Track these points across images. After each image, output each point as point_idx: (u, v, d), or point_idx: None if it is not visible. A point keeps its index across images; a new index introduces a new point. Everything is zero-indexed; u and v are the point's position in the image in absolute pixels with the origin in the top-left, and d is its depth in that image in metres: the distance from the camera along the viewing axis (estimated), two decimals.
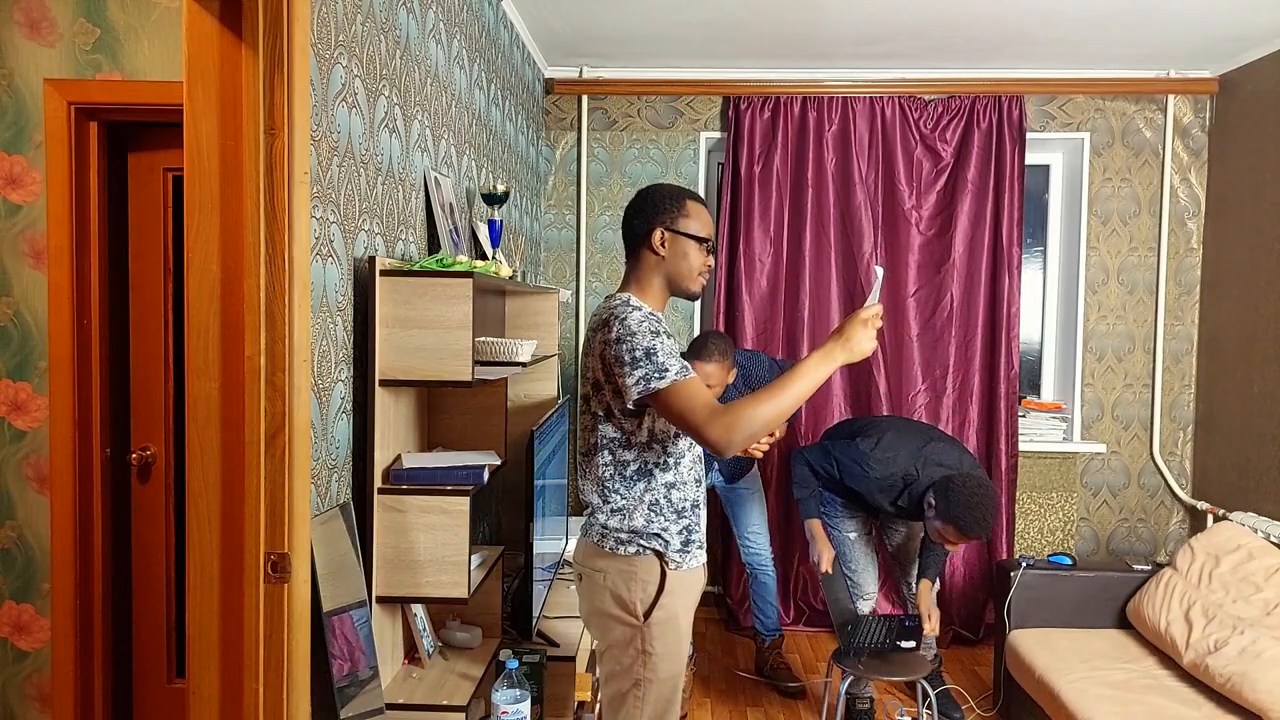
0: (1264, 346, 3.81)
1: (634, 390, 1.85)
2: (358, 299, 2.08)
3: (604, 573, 1.98)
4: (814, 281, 4.22)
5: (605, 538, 1.99)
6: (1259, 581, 2.95)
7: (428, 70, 2.54)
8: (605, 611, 1.98)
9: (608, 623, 1.99)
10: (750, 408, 1.79)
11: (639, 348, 1.85)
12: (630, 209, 2.05)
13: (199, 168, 1.62)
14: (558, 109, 4.41)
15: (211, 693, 1.66)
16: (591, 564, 2.01)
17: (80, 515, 2.67)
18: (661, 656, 1.97)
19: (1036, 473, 4.36)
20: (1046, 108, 4.29)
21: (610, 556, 1.98)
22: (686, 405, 1.81)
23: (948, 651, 4.11)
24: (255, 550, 1.61)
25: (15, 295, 2.66)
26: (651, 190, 2.05)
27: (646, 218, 2.01)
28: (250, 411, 1.60)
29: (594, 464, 2.00)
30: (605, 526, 1.99)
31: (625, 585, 1.95)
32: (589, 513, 2.06)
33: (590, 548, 2.03)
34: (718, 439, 1.78)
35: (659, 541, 1.96)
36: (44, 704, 2.72)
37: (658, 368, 1.83)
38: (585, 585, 2.03)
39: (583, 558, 2.05)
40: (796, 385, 1.83)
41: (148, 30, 2.59)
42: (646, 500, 1.97)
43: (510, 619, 2.77)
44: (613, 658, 2.00)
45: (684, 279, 2.03)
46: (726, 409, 1.80)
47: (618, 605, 1.96)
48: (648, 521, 1.97)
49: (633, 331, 1.86)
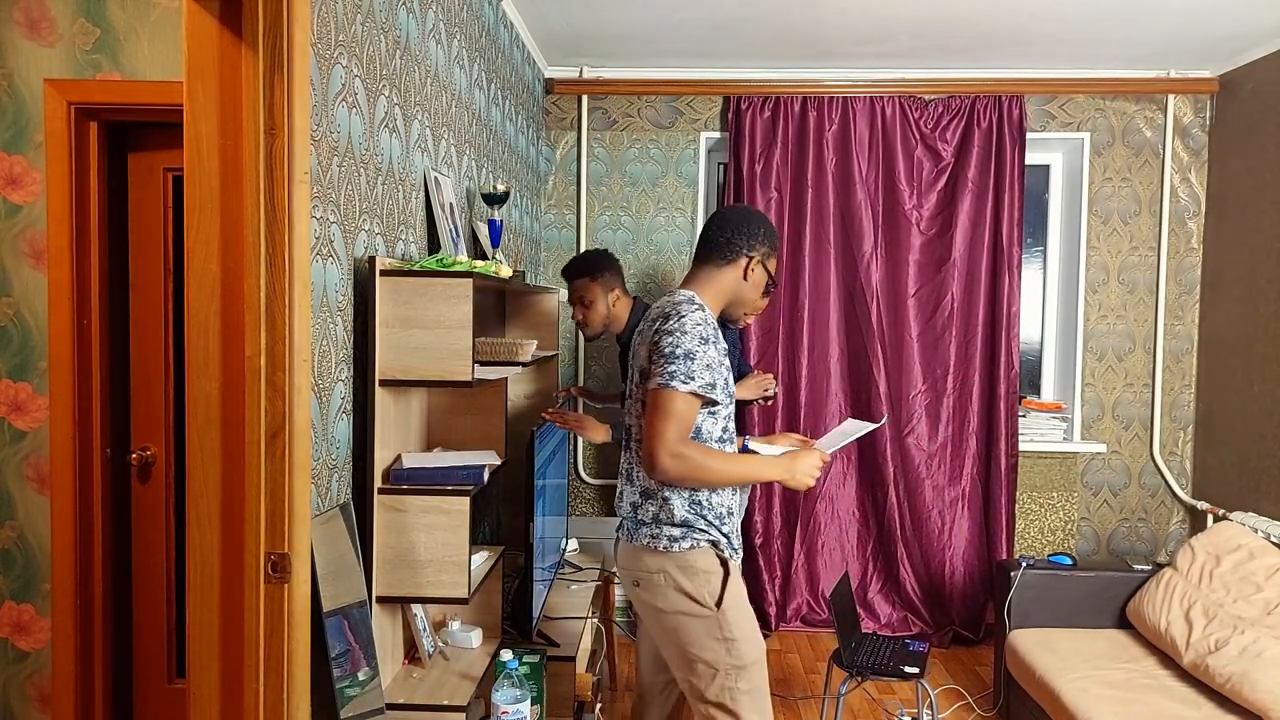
0: (1264, 346, 3.81)
1: (654, 381, 1.91)
2: (358, 299, 2.08)
3: (662, 572, 1.97)
4: (814, 281, 4.22)
5: (657, 537, 1.98)
6: (1259, 581, 2.95)
7: (428, 70, 2.54)
8: (676, 610, 1.97)
9: (681, 621, 1.97)
10: (706, 461, 1.93)
11: (682, 346, 1.91)
12: (729, 222, 2.09)
13: (199, 168, 1.62)
14: (558, 109, 4.41)
15: (211, 693, 1.66)
16: (645, 567, 1.99)
17: (80, 515, 2.67)
18: (742, 640, 1.98)
19: (1037, 473, 4.36)
20: (1046, 107, 4.29)
21: (665, 555, 1.97)
22: (672, 416, 1.88)
23: (948, 652, 4.12)
24: (255, 550, 1.61)
25: (15, 295, 2.66)
26: (757, 217, 2.12)
27: (747, 241, 2.09)
28: (250, 411, 1.60)
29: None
30: (657, 523, 1.99)
31: (689, 579, 1.95)
32: (632, 514, 2.04)
33: (639, 551, 2.01)
34: (664, 462, 1.87)
35: (713, 531, 1.98)
36: (44, 704, 2.72)
37: (686, 371, 1.89)
38: (643, 591, 2.00)
39: (632, 562, 2.03)
40: (744, 469, 2.02)
41: (148, 30, 2.59)
42: (684, 492, 1.98)
43: (510, 619, 2.77)
44: (697, 658, 1.97)
45: (743, 308, 2.14)
46: (691, 446, 1.91)
47: (687, 600, 1.95)
48: (695, 514, 1.98)
49: (685, 330, 1.92)
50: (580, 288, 3.13)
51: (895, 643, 3.15)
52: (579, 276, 3.14)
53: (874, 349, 4.18)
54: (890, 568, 4.27)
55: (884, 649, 3.09)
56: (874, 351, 4.18)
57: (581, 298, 3.13)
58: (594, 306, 3.11)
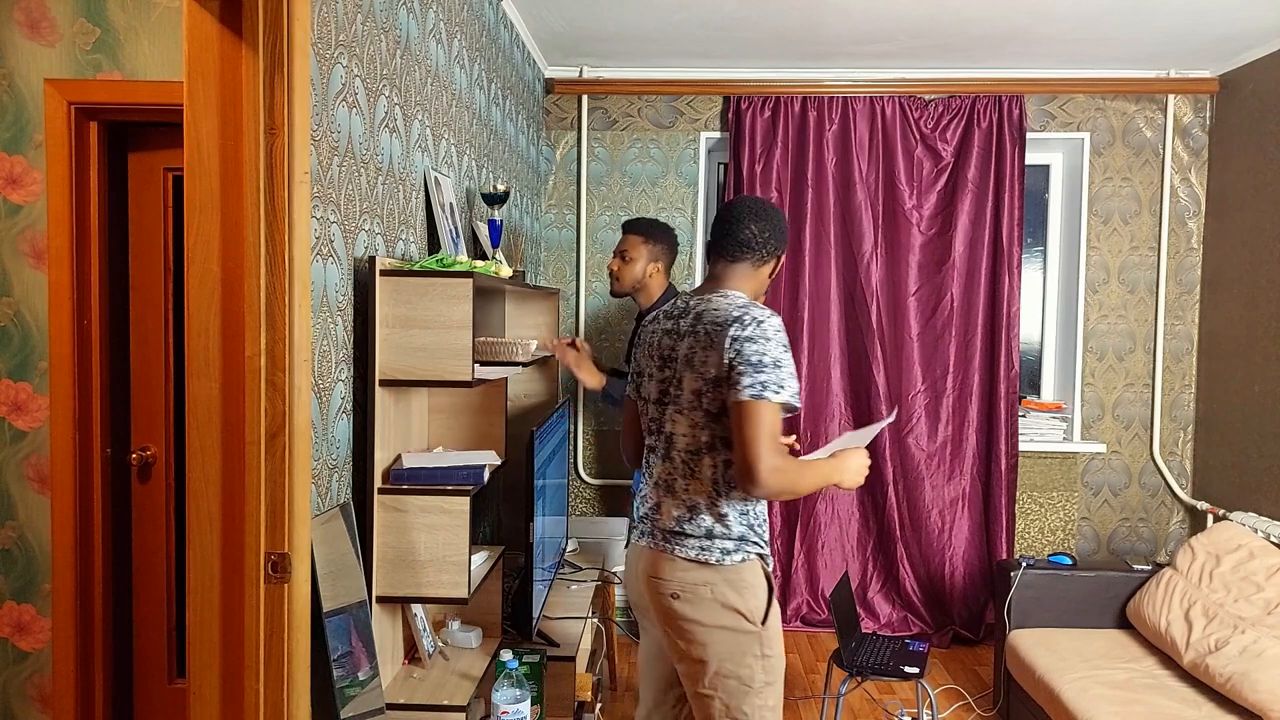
0: (1264, 346, 3.81)
1: (745, 391, 1.83)
2: (358, 299, 2.08)
3: (709, 585, 1.90)
4: (814, 281, 4.22)
5: (708, 549, 1.91)
6: (1260, 581, 2.95)
7: (428, 70, 2.54)
8: (719, 625, 1.91)
9: (721, 636, 1.91)
10: (800, 471, 1.91)
11: (770, 354, 1.87)
12: (765, 220, 2.05)
13: (199, 168, 1.62)
14: (558, 109, 4.41)
15: (211, 693, 1.66)
16: (690, 579, 1.92)
17: (80, 515, 2.67)
18: (776, 658, 1.96)
19: (1037, 472, 4.36)
20: (1046, 107, 4.29)
21: (714, 568, 1.91)
22: (766, 430, 1.83)
23: (948, 652, 4.12)
24: (255, 550, 1.61)
25: (15, 295, 2.66)
26: (782, 219, 2.10)
27: (779, 242, 2.08)
28: (250, 411, 1.60)
29: (702, 465, 1.94)
30: (709, 536, 1.92)
31: (737, 594, 1.90)
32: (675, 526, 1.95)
33: (683, 563, 1.92)
34: (764, 476, 1.81)
35: (759, 545, 1.95)
36: (44, 704, 2.72)
37: (777, 381, 1.85)
38: (683, 604, 1.93)
39: (671, 573, 1.93)
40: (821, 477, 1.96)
41: (148, 30, 2.59)
42: (738, 505, 1.94)
43: (510, 619, 2.77)
44: (732, 673, 1.92)
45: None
46: (785, 458, 1.87)
47: (732, 615, 1.90)
48: (748, 527, 1.94)
49: (769, 337, 1.88)
50: (629, 243, 3.17)
51: (895, 643, 3.15)
52: (634, 232, 3.18)
53: (874, 349, 4.18)
54: (890, 567, 4.27)
55: (884, 649, 3.09)
56: (874, 351, 4.18)
57: (624, 251, 3.16)
58: (633, 264, 3.14)
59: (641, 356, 2.12)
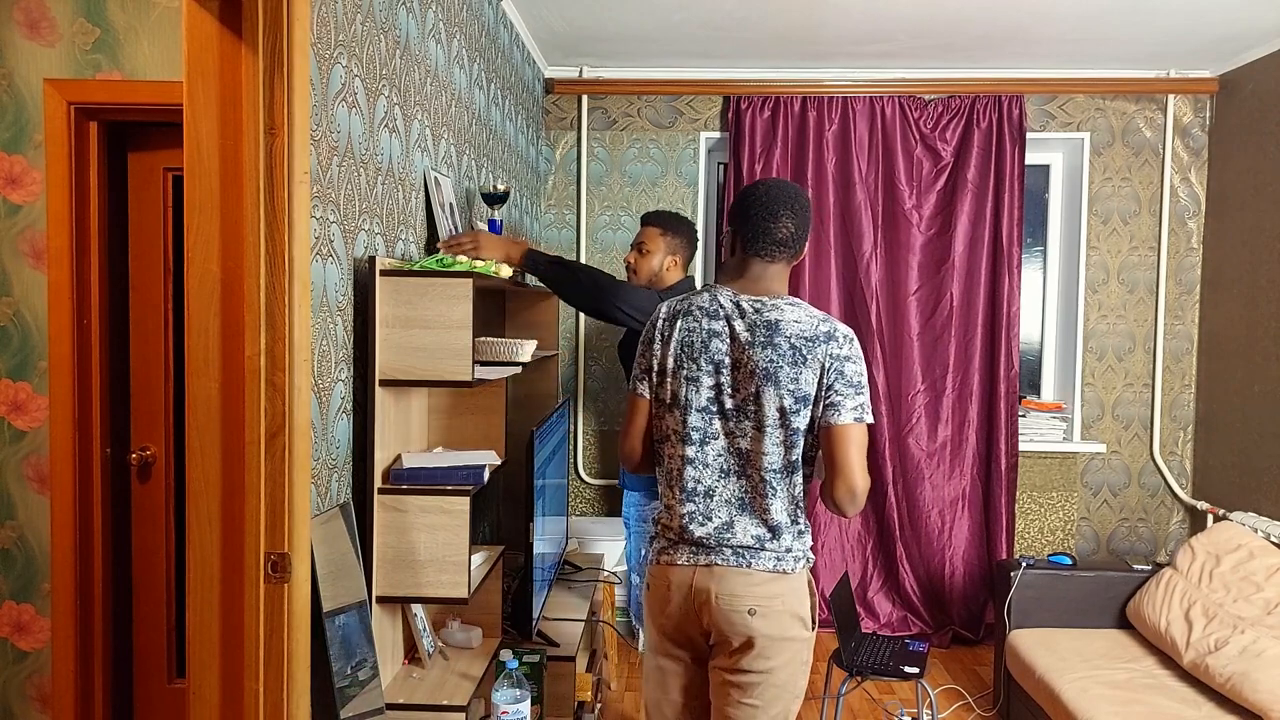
0: (1264, 346, 3.81)
1: (849, 414, 1.83)
2: (358, 299, 2.08)
3: (780, 597, 1.88)
4: (814, 280, 4.22)
5: (783, 560, 1.89)
6: (1259, 581, 2.95)
7: (428, 70, 2.54)
8: (785, 636, 1.89)
9: (784, 647, 1.89)
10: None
11: (864, 374, 1.88)
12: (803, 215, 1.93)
13: (199, 168, 1.62)
14: (558, 109, 4.41)
15: (211, 693, 1.66)
16: (768, 593, 1.88)
17: (80, 515, 2.67)
18: (809, 664, 1.97)
19: (1037, 472, 4.36)
20: (1046, 107, 4.29)
21: (785, 577, 1.89)
22: (863, 452, 1.85)
23: (948, 652, 4.12)
24: (255, 550, 1.61)
25: (15, 295, 2.66)
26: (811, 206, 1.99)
27: (808, 234, 1.98)
28: (250, 411, 1.60)
29: (792, 482, 1.90)
30: (788, 550, 1.89)
31: (799, 602, 1.91)
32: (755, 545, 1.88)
33: (762, 577, 1.88)
34: (863, 499, 1.85)
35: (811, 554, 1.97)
36: (44, 704, 2.72)
37: (868, 402, 1.87)
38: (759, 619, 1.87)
39: (750, 589, 1.87)
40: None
41: (148, 30, 2.59)
42: (804, 517, 1.96)
43: (510, 619, 2.77)
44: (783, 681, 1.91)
45: None
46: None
47: (798, 624, 1.90)
48: (811, 536, 1.97)
49: (861, 356, 1.89)
50: (647, 235, 3.12)
51: (895, 643, 3.15)
52: (653, 224, 3.14)
53: (874, 348, 4.18)
54: (890, 567, 4.27)
55: (884, 649, 3.09)
56: (874, 351, 4.18)
57: (642, 244, 3.12)
58: (650, 257, 3.09)
59: (669, 355, 1.93)
